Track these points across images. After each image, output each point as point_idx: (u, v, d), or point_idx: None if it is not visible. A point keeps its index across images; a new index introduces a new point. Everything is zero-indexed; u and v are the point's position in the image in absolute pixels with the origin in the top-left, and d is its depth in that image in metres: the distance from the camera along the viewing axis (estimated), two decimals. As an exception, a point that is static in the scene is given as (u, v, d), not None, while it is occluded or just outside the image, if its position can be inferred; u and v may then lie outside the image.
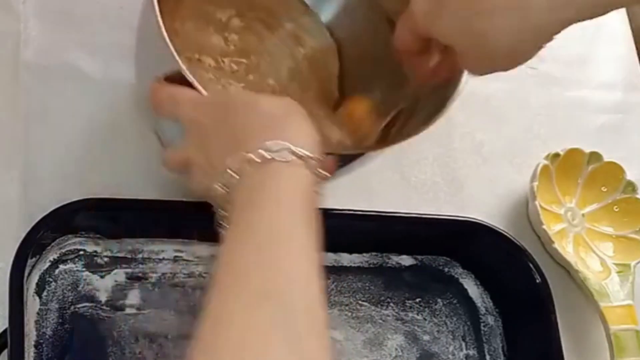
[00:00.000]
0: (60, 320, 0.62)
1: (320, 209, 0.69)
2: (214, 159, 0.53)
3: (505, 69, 0.58)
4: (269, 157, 0.50)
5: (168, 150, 0.60)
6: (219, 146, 0.53)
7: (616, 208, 0.80)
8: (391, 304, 0.71)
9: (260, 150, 0.50)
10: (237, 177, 0.51)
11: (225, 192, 0.52)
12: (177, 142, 0.58)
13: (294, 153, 0.50)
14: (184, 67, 0.55)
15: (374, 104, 0.67)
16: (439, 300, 0.73)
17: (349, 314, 0.70)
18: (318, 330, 0.46)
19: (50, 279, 0.63)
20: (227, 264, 0.48)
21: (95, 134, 0.70)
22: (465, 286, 0.74)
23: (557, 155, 0.78)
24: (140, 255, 0.66)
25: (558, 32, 0.55)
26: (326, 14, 0.74)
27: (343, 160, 0.62)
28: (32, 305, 0.62)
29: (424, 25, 0.57)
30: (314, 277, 0.47)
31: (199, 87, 0.55)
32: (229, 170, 0.51)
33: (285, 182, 0.50)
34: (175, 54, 0.55)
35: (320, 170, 0.52)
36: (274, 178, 0.50)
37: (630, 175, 0.79)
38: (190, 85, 0.56)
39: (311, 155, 0.51)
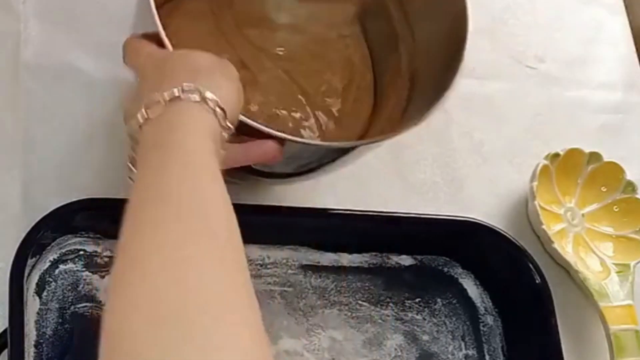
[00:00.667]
0: (60, 320, 0.62)
1: (319, 209, 0.70)
2: (138, 97, 0.54)
3: None
4: (179, 95, 0.51)
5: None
6: (145, 93, 0.53)
7: (616, 208, 0.80)
8: (391, 304, 0.72)
9: (173, 89, 0.51)
10: (149, 114, 0.51)
11: (136, 139, 0.52)
12: None
13: (204, 99, 0.51)
14: (162, 32, 0.56)
15: None
16: (438, 300, 0.73)
17: (349, 313, 0.70)
18: (238, 249, 0.46)
19: (50, 279, 0.63)
20: (147, 187, 0.48)
21: (96, 134, 0.70)
22: (465, 286, 0.74)
23: (557, 155, 0.78)
24: (140, 255, 0.66)
25: None
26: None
27: (333, 154, 0.62)
28: (32, 305, 0.62)
29: None
30: (229, 202, 0.48)
31: (167, 43, 0.56)
32: (143, 110, 0.51)
33: (192, 120, 0.51)
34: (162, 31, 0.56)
35: (228, 124, 0.52)
36: (182, 115, 0.51)
37: (630, 175, 0.79)
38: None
39: (221, 105, 0.52)
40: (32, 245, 0.61)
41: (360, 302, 0.71)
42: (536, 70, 0.87)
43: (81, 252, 0.65)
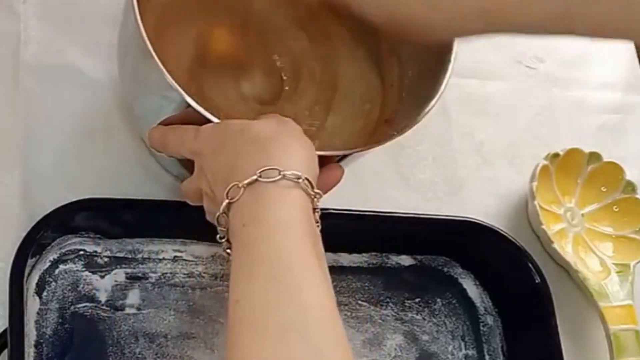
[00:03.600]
0: (60, 320, 0.62)
1: (319, 209, 0.70)
2: (215, 188, 0.54)
3: (412, 26, 0.58)
4: (263, 181, 0.50)
5: (184, 183, 0.61)
6: (218, 175, 0.53)
7: (616, 208, 0.80)
8: (390, 304, 0.72)
9: (252, 177, 0.50)
10: (234, 204, 0.51)
11: (225, 222, 0.52)
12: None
13: (285, 177, 0.51)
14: (166, 73, 0.56)
15: None
16: (438, 300, 0.73)
17: (349, 313, 0.70)
18: (343, 353, 0.47)
19: (50, 279, 0.63)
20: (244, 300, 0.48)
21: (95, 134, 0.70)
22: (465, 286, 0.74)
23: (556, 155, 0.78)
24: (140, 255, 0.66)
25: (473, 31, 0.56)
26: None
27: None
28: (32, 305, 0.62)
29: None
30: (330, 303, 0.48)
31: (190, 100, 0.56)
32: (226, 201, 0.51)
33: (282, 206, 0.51)
34: (154, 53, 0.56)
35: (315, 189, 0.52)
36: (269, 204, 0.50)
37: (629, 175, 0.79)
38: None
39: (302, 175, 0.51)
40: (32, 245, 0.61)
41: (360, 302, 0.71)
42: (536, 70, 0.87)
43: (81, 252, 0.65)
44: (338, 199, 0.71)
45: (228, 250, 0.54)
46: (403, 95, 0.68)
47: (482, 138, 0.82)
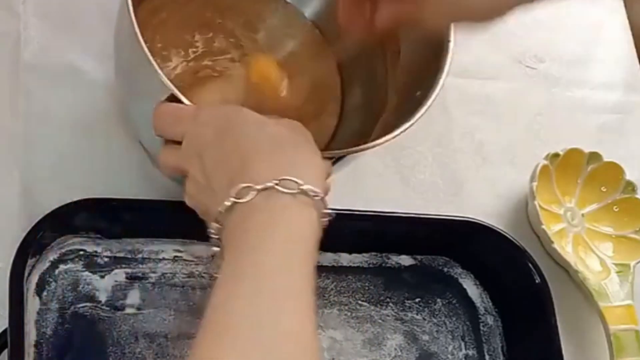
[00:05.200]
0: (60, 320, 0.62)
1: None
2: (215, 180, 0.51)
3: (472, 19, 0.54)
4: (281, 190, 0.48)
5: (164, 151, 0.57)
6: (222, 167, 0.51)
7: (616, 208, 0.80)
8: (390, 304, 0.72)
9: (269, 184, 0.48)
10: (241, 205, 0.48)
11: (223, 218, 0.50)
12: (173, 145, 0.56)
13: (303, 191, 0.48)
14: (159, 71, 0.55)
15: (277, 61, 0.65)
16: (438, 300, 0.73)
17: (349, 313, 0.70)
18: None
19: (50, 279, 0.63)
20: (223, 307, 0.46)
21: (95, 134, 0.70)
22: (465, 286, 0.74)
23: (556, 155, 0.78)
24: (140, 255, 0.66)
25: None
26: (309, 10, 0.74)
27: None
28: (32, 305, 0.62)
29: None
30: (310, 329, 0.46)
31: (179, 94, 0.54)
32: (232, 199, 0.48)
33: (295, 222, 0.48)
34: (148, 54, 0.55)
35: (326, 210, 0.50)
36: (282, 217, 0.48)
37: (630, 175, 0.79)
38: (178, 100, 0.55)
39: (319, 193, 0.49)
40: (32, 245, 0.61)
41: (360, 302, 0.71)
42: (536, 70, 0.87)
43: (81, 252, 0.65)
44: (338, 199, 0.71)
45: (216, 247, 0.51)
46: (401, 94, 0.68)
47: (482, 138, 0.82)
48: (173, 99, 0.55)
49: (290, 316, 0.46)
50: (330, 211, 0.51)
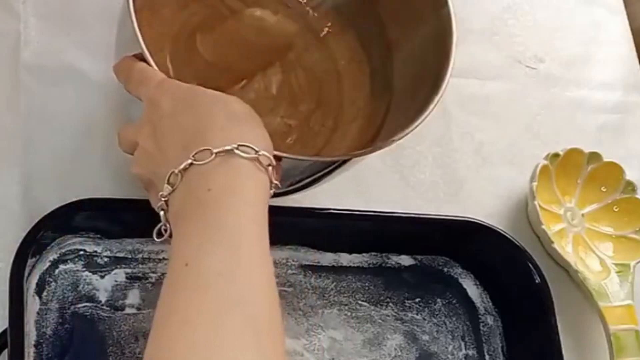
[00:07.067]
0: (60, 320, 0.62)
1: (319, 209, 0.70)
2: (167, 147, 0.52)
3: None
4: (241, 154, 0.50)
5: (124, 126, 0.58)
6: (175, 135, 0.52)
7: (616, 208, 0.80)
8: (390, 304, 0.72)
9: (229, 147, 0.49)
10: (199, 167, 0.50)
11: (176, 180, 0.51)
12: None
13: (259, 158, 0.50)
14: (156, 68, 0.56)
15: None
16: (438, 300, 0.73)
17: (349, 313, 0.70)
18: (280, 340, 0.46)
19: (50, 279, 0.63)
20: (195, 264, 0.47)
21: (96, 134, 0.70)
22: (465, 286, 0.74)
23: (556, 155, 0.78)
24: (140, 255, 0.66)
25: None
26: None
27: (328, 164, 0.62)
28: (32, 305, 0.62)
29: None
30: (274, 284, 0.48)
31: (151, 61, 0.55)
32: (189, 161, 0.50)
33: (251, 185, 0.50)
34: (148, 54, 0.56)
35: (275, 180, 0.52)
36: (244, 178, 0.50)
37: (629, 175, 0.79)
38: None
39: (272, 163, 0.51)
40: (32, 245, 0.61)
41: (360, 302, 0.71)
42: (536, 70, 0.87)
43: (81, 252, 0.65)
44: (338, 199, 0.71)
45: (162, 212, 0.52)
46: (403, 97, 0.68)
47: (482, 138, 0.82)
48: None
49: (259, 271, 0.47)
50: (277, 183, 0.52)
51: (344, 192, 0.73)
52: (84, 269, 0.65)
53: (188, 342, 0.43)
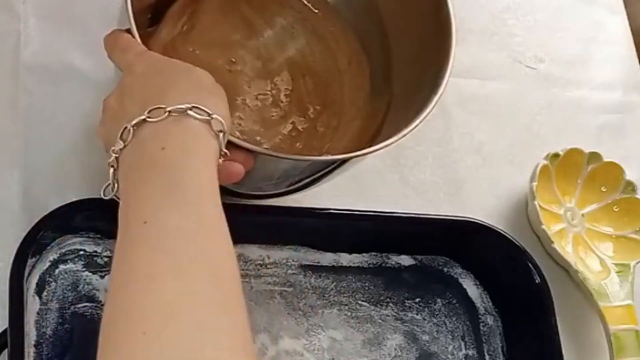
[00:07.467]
0: (60, 320, 0.62)
1: (319, 209, 0.70)
2: (127, 103, 0.53)
3: None
4: (194, 116, 0.50)
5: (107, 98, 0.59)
6: (138, 94, 0.53)
7: (616, 208, 0.80)
8: (390, 304, 0.72)
9: (182, 107, 0.50)
10: (151, 124, 0.50)
11: (128, 135, 0.51)
12: None
13: (211, 123, 0.51)
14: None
15: None
16: (438, 300, 0.73)
17: (349, 313, 0.70)
18: (239, 291, 0.46)
19: (50, 279, 0.63)
20: (154, 221, 0.47)
21: (95, 134, 0.70)
22: (465, 286, 0.74)
23: (556, 155, 0.78)
24: (140, 255, 0.66)
25: None
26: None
27: (328, 164, 0.62)
28: (32, 305, 0.62)
29: None
30: (230, 240, 0.48)
31: (137, 37, 0.56)
32: (142, 117, 0.50)
33: (203, 147, 0.51)
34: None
35: (225, 150, 0.52)
36: (197, 139, 0.50)
37: (629, 175, 0.79)
38: None
39: (225, 130, 0.52)
40: (32, 245, 0.61)
41: (360, 302, 0.71)
42: (536, 70, 0.87)
43: (81, 252, 0.65)
44: (338, 199, 0.71)
45: (112, 168, 0.52)
46: (402, 97, 0.68)
47: (482, 138, 0.82)
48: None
49: (219, 227, 0.48)
50: (226, 151, 0.52)
51: (344, 192, 0.73)
52: (84, 269, 0.65)
53: (157, 297, 0.44)
